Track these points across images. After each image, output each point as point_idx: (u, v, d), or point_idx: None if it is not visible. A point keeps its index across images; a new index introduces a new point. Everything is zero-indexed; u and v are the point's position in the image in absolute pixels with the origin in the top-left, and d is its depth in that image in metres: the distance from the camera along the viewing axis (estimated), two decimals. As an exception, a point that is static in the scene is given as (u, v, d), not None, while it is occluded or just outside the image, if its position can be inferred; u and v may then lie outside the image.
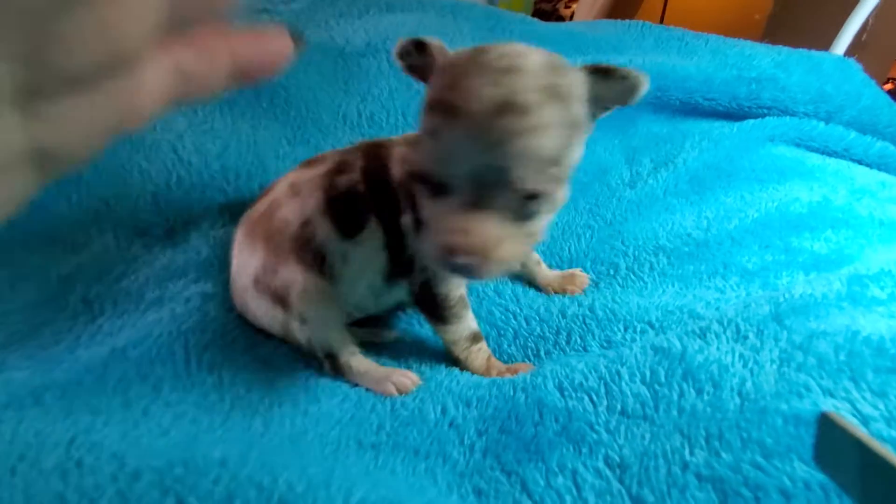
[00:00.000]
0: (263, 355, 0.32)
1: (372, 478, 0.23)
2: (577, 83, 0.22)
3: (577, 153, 0.23)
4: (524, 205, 0.22)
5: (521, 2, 1.26)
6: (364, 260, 0.31)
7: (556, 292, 0.38)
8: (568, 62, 0.23)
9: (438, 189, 0.22)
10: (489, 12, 0.61)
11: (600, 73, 0.23)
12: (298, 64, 0.52)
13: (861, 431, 0.14)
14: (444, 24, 0.56)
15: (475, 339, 0.32)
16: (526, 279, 0.39)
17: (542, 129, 0.20)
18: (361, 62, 0.54)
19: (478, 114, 0.20)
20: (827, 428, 0.15)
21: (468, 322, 0.32)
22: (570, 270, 0.39)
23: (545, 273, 0.39)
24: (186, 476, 0.20)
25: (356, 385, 0.31)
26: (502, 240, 0.22)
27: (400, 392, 0.30)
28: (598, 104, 0.24)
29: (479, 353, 0.32)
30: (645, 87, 0.23)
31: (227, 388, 0.29)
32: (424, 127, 0.22)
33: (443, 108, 0.21)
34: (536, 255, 0.39)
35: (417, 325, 0.37)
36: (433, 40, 0.24)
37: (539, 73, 0.21)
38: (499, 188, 0.21)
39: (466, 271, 0.22)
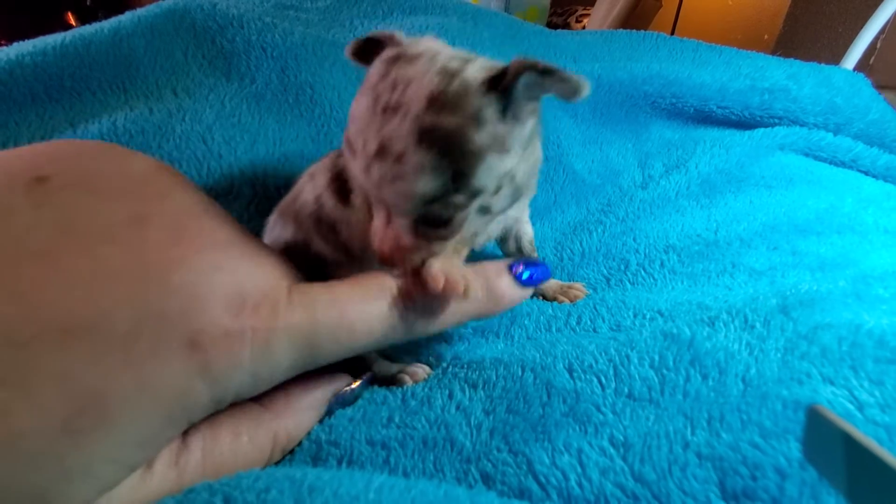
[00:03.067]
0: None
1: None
2: (471, 112, 0.21)
3: (493, 170, 0.23)
4: (426, 227, 0.24)
5: (535, 15, 1.28)
6: (362, 221, 0.32)
7: (546, 299, 0.38)
8: (472, 83, 0.22)
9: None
10: (510, 21, 0.63)
11: (540, 73, 0.22)
12: (324, 62, 0.55)
13: (848, 424, 0.14)
14: (465, 29, 0.58)
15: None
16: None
17: (412, 175, 0.21)
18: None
19: (363, 155, 0.22)
20: (815, 421, 0.16)
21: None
22: (571, 283, 0.40)
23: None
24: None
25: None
26: (418, 249, 0.24)
27: (414, 382, 0.31)
28: (538, 92, 0.23)
29: None
30: (587, 89, 0.22)
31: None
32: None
33: (346, 139, 0.23)
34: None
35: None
36: (383, 34, 0.25)
37: (419, 113, 0.21)
38: (396, 216, 0.23)
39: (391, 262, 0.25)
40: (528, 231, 0.38)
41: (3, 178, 0.18)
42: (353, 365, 0.31)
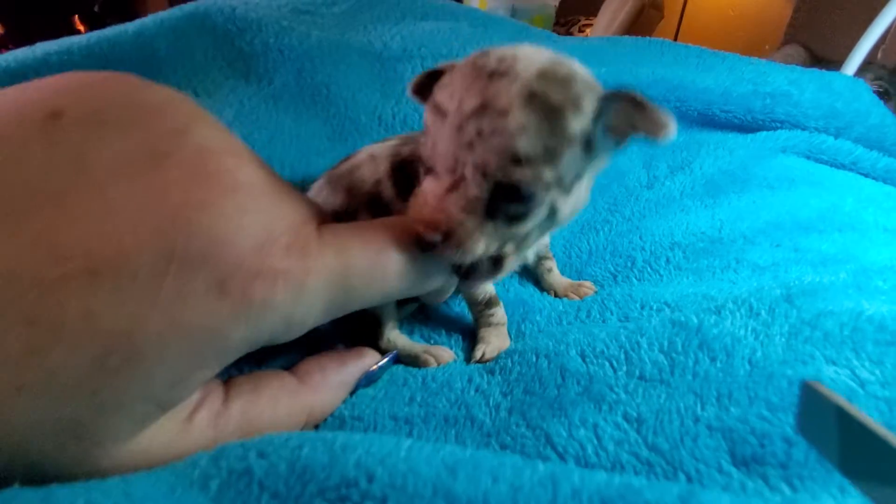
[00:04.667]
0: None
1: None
2: (574, 95, 0.22)
3: (572, 165, 0.23)
4: (500, 201, 0.22)
5: (540, 24, 1.31)
6: None
7: (556, 296, 0.40)
8: (578, 76, 0.22)
9: (430, 172, 0.24)
10: (520, 27, 0.65)
11: (632, 103, 0.22)
12: (339, 64, 0.56)
13: (842, 399, 0.15)
14: (476, 34, 0.60)
15: (490, 303, 0.35)
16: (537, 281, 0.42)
17: (514, 131, 0.21)
18: (397, 67, 0.57)
19: (458, 113, 0.21)
20: (809, 396, 0.16)
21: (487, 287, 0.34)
22: (581, 282, 0.41)
23: (555, 278, 0.40)
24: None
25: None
26: (465, 225, 0.22)
27: (439, 363, 0.32)
28: (627, 127, 0.23)
29: (492, 318, 0.34)
30: (673, 131, 0.22)
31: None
32: (424, 123, 0.24)
33: (435, 108, 0.23)
34: (550, 263, 0.41)
35: (445, 307, 0.40)
36: (446, 65, 0.25)
37: (529, 79, 0.21)
38: (471, 178, 0.22)
39: (428, 246, 0.23)
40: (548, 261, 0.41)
41: (16, 115, 0.18)
42: (377, 344, 0.32)
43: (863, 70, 0.84)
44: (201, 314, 0.18)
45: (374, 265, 0.22)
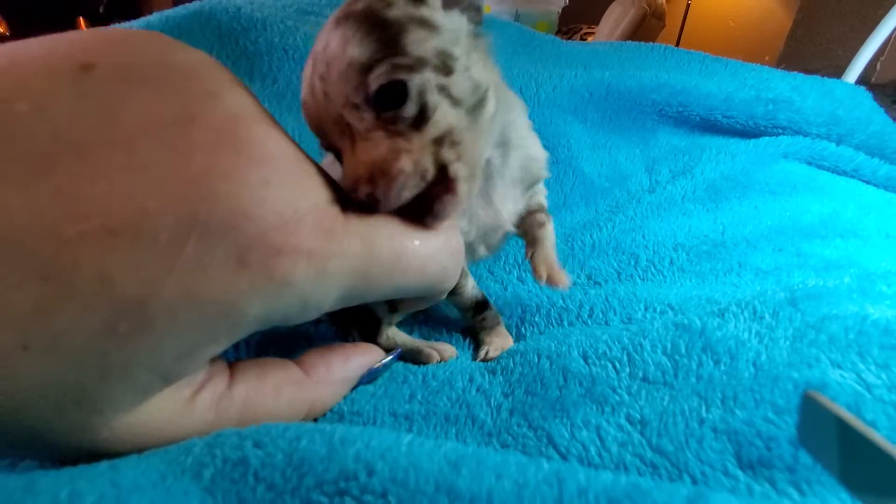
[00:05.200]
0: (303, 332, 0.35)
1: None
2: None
3: (427, 49, 0.22)
4: (386, 111, 0.22)
5: (544, 29, 1.32)
6: None
7: (534, 266, 0.32)
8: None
9: (334, 154, 0.24)
10: (522, 31, 0.65)
11: None
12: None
13: (842, 410, 0.15)
14: (479, 36, 0.60)
15: (479, 308, 0.34)
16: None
17: (342, 50, 0.21)
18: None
19: (307, 85, 0.23)
20: (810, 407, 0.16)
21: (470, 291, 0.34)
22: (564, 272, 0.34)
23: (546, 242, 0.33)
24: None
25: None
26: (378, 155, 0.22)
27: (442, 359, 0.32)
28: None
29: (485, 322, 0.34)
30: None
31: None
32: None
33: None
34: (543, 217, 0.35)
35: (444, 307, 0.40)
36: None
37: (340, 18, 0.22)
38: (352, 118, 0.22)
39: (372, 202, 0.22)
40: (539, 198, 0.35)
41: (46, 65, 0.17)
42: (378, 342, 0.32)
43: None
44: (218, 286, 0.17)
45: (398, 258, 0.22)
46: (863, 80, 0.81)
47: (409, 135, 0.22)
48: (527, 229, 0.33)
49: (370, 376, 0.29)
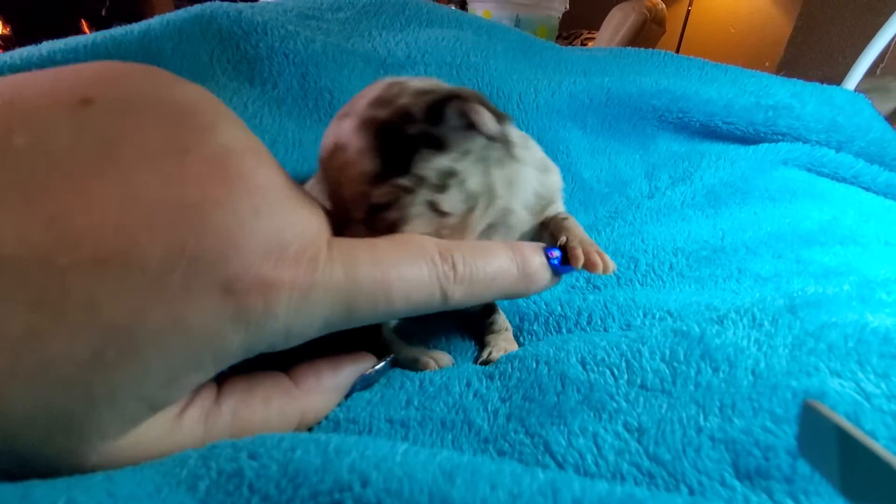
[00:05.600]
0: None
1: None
2: (404, 107, 0.25)
3: (430, 161, 0.25)
4: (382, 211, 0.26)
5: (544, 34, 1.32)
6: None
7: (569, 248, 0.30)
8: (409, 89, 0.26)
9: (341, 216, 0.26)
10: (523, 37, 0.65)
11: (454, 103, 0.25)
12: (343, 70, 0.57)
13: (842, 419, 0.15)
14: (480, 42, 0.60)
15: (487, 312, 0.35)
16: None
17: (356, 156, 0.25)
18: (401, 73, 0.57)
19: (323, 163, 0.27)
20: (809, 416, 0.16)
21: None
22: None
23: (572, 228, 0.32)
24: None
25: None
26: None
27: (438, 367, 0.32)
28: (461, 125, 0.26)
29: (493, 326, 0.35)
30: (488, 129, 0.26)
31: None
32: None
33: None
34: (563, 215, 0.34)
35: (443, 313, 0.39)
36: None
37: (362, 110, 0.25)
38: (356, 205, 0.26)
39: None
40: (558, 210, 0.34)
41: (49, 97, 0.18)
42: (374, 347, 0.32)
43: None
44: (204, 314, 0.18)
45: (381, 285, 0.22)
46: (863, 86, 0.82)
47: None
48: (552, 231, 0.33)
49: (364, 382, 0.29)
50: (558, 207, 0.35)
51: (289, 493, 0.17)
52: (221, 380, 0.23)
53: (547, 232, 0.33)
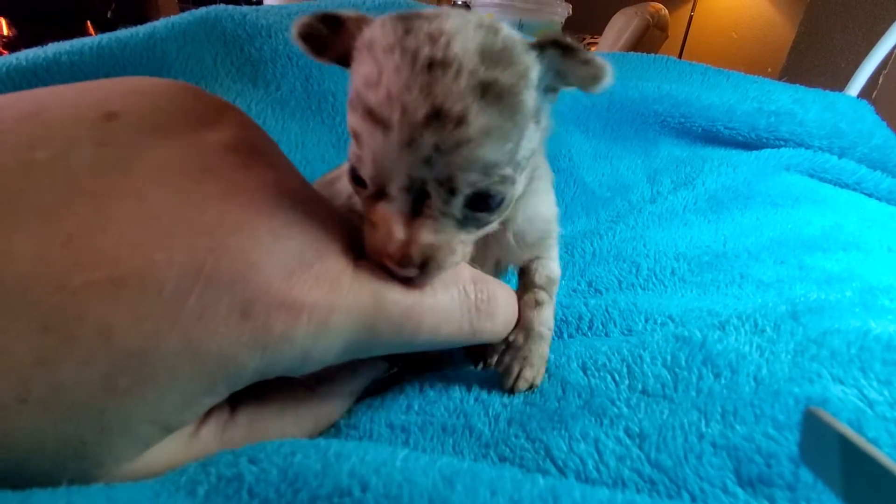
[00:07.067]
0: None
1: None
2: (522, 69, 0.19)
3: (529, 142, 0.21)
4: (470, 210, 0.20)
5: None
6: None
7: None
8: (512, 38, 0.20)
9: (376, 194, 0.20)
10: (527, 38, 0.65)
11: (562, 51, 0.20)
12: (346, 72, 0.57)
13: (845, 427, 0.14)
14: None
15: None
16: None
17: (478, 139, 0.18)
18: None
19: (404, 126, 0.18)
20: (811, 424, 0.16)
21: None
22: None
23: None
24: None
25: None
26: (442, 247, 0.20)
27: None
28: (559, 81, 0.21)
29: None
30: (609, 78, 0.20)
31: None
32: (350, 125, 0.20)
33: (365, 111, 0.18)
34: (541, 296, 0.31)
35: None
36: (349, 13, 0.20)
37: (473, 67, 0.18)
38: (440, 197, 0.19)
39: (401, 277, 0.21)
40: (549, 268, 0.31)
41: (73, 113, 0.18)
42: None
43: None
44: (220, 338, 0.17)
45: (409, 316, 0.21)
46: (865, 93, 0.82)
47: (468, 229, 0.21)
48: (520, 307, 0.29)
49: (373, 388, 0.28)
50: (551, 259, 0.31)
51: (288, 498, 0.17)
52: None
53: (521, 283, 0.31)
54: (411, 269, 0.20)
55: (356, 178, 0.20)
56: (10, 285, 0.15)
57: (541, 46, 0.20)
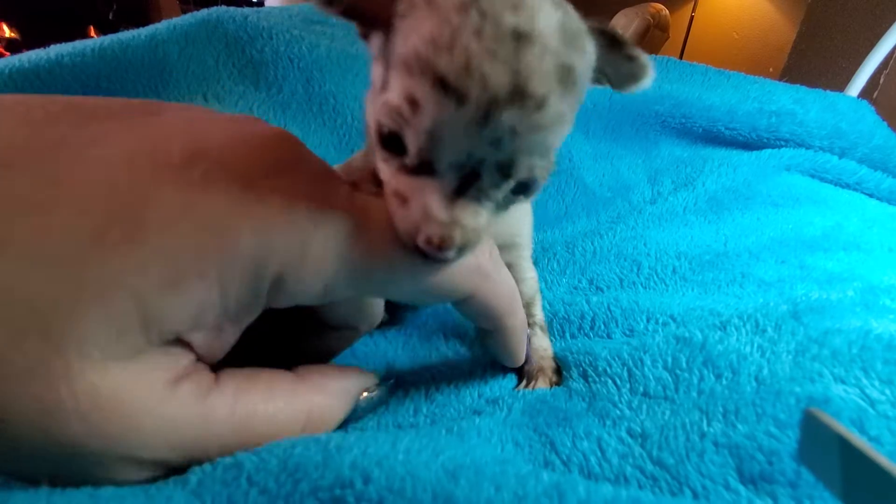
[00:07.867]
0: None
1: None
2: (589, 55, 0.18)
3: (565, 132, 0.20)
4: (512, 195, 0.19)
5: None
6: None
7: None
8: (579, 20, 0.18)
9: (419, 166, 0.18)
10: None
11: (608, 42, 0.19)
12: (348, 74, 0.57)
13: (844, 428, 0.14)
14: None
15: None
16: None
17: (550, 126, 0.17)
18: (405, 77, 0.58)
19: (482, 102, 0.16)
20: (811, 425, 0.16)
21: None
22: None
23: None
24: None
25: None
26: (478, 230, 0.19)
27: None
28: (597, 76, 0.20)
29: None
30: (649, 80, 0.20)
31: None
32: (402, 87, 0.17)
33: (433, 78, 0.16)
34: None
35: (444, 311, 0.39)
36: None
37: (556, 45, 0.16)
38: (492, 179, 0.18)
39: (435, 260, 0.20)
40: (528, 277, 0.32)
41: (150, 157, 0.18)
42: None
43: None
44: (217, 202, 0.17)
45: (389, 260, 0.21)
46: (866, 93, 0.82)
47: (500, 212, 0.20)
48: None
49: (368, 403, 0.27)
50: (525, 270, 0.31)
51: (288, 488, 0.17)
52: (219, 369, 0.21)
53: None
54: (450, 252, 0.19)
55: (390, 141, 0.18)
56: None
57: (594, 33, 0.19)
